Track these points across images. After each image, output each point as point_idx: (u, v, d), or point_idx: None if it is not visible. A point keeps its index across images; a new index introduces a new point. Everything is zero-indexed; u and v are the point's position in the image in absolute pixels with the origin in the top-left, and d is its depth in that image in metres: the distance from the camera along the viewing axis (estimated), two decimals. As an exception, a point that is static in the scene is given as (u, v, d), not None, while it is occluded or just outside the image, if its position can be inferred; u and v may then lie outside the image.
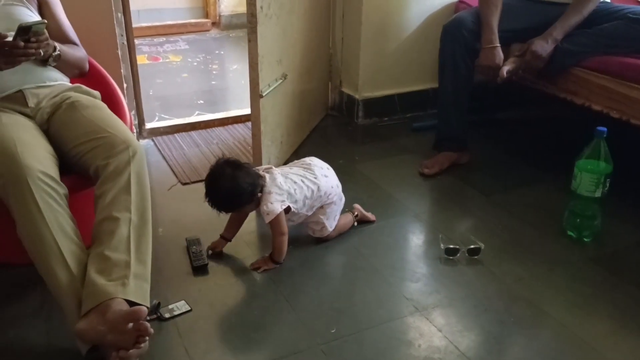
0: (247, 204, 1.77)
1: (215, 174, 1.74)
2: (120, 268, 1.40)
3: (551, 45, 2.16)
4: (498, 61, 2.17)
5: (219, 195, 1.73)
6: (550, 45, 2.16)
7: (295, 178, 1.82)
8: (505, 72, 2.17)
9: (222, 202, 1.75)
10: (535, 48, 2.15)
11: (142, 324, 1.31)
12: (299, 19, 2.48)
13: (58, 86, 1.77)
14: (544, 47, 2.15)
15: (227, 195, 1.73)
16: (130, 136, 1.62)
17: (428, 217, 2.14)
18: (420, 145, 2.64)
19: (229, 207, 1.78)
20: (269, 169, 1.83)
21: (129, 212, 1.48)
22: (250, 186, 1.73)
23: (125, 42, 2.45)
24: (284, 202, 1.77)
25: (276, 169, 1.84)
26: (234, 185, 1.71)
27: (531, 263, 1.85)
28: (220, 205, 1.75)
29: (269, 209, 1.74)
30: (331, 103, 3.06)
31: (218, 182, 1.73)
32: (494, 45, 2.18)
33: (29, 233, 1.41)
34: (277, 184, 1.77)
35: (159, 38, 4.64)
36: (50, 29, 1.67)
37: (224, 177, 1.72)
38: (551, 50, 2.16)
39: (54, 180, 1.48)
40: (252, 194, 1.74)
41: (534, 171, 2.46)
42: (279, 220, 1.76)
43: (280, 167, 1.90)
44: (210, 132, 2.86)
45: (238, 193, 1.72)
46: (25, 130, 1.60)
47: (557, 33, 2.16)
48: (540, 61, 2.17)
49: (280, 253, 1.80)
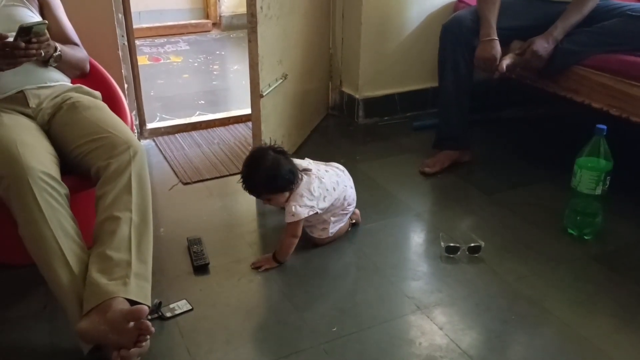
0: (281, 192, 1.74)
1: (258, 154, 1.74)
2: (121, 268, 1.40)
3: (552, 44, 2.16)
4: (495, 53, 2.16)
5: (258, 173, 1.71)
6: (550, 44, 2.15)
7: (329, 185, 1.81)
8: (504, 65, 2.17)
9: (260, 182, 1.72)
10: (536, 48, 2.15)
11: (143, 323, 1.31)
12: (299, 19, 2.49)
13: (59, 87, 1.78)
14: (544, 46, 2.15)
15: (266, 175, 1.70)
16: (131, 136, 1.62)
17: (429, 216, 2.14)
18: (421, 145, 2.64)
19: (265, 188, 1.74)
20: (307, 171, 1.80)
21: (130, 212, 1.48)
22: (289, 174, 1.72)
23: (126, 42, 2.45)
24: (313, 208, 1.76)
25: (314, 171, 1.81)
26: (276, 167, 1.70)
27: (533, 261, 1.85)
28: (256, 185, 1.73)
29: (296, 211, 1.73)
30: (332, 103, 3.06)
31: (260, 162, 1.71)
32: (491, 38, 2.18)
33: (31, 233, 1.42)
34: (310, 188, 1.76)
35: (160, 39, 4.65)
36: (51, 29, 1.67)
37: (266, 158, 1.71)
38: (551, 50, 2.16)
39: (56, 180, 1.49)
40: (290, 183, 1.73)
41: (534, 169, 2.46)
42: (298, 223, 1.77)
43: (316, 165, 1.87)
44: (211, 132, 2.86)
45: (277, 176, 1.70)
46: (26, 131, 1.61)
47: (557, 33, 2.16)
48: (540, 61, 2.17)
49: (286, 254, 1.80)
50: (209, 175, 2.40)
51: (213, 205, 2.18)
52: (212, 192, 2.28)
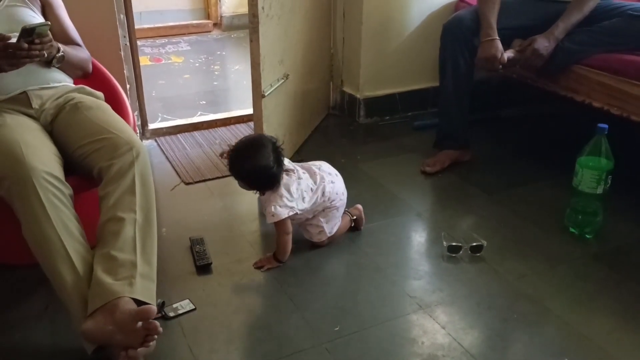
0: (257, 189, 1.75)
1: (258, 144, 1.72)
2: (126, 268, 1.40)
3: (553, 43, 2.16)
4: (495, 52, 2.16)
5: (248, 163, 1.69)
6: (551, 43, 2.16)
7: (307, 185, 1.80)
8: (505, 57, 2.17)
9: (245, 171, 1.71)
10: (537, 46, 2.15)
11: (152, 323, 1.32)
12: (300, 19, 2.49)
13: (62, 87, 1.78)
14: (545, 45, 2.15)
15: (254, 170, 1.69)
16: (134, 137, 1.63)
17: (430, 215, 2.15)
18: (422, 144, 2.65)
19: (246, 179, 1.73)
20: (289, 171, 1.79)
21: (133, 213, 1.49)
22: (272, 179, 1.72)
23: (127, 43, 2.46)
24: (292, 208, 1.75)
25: (294, 172, 1.80)
26: (267, 168, 1.69)
27: (534, 260, 1.85)
28: (240, 171, 1.71)
29: (276, 211, 1.73)
30: (332, 102, 3.07)
31: (256, 153, 1.69)
32: (492, 38, 2.18)
33: (35, 233, 1.42)
34: (291, 190, 1.75)
35: (161, 39, 4.65)
36: (53, 30, 1.68)
37: (263, 153, 1.69)
38: (552, 49, 2.17)
39: (59, 180, 1.49)
40: (268, 187, 1.73)
41: (534, 169, 2.46)
42: (283, 221, 1.76)
43: (299, 166, 1.85)
44: (212, 132, 2.87)
45: (262, 175, 1.70)
46: (29, 131, 1.61)
47: (558, 32, 2.16)
48: (540, 59, 2.18)
49: (284, 252, 1.81)
50: (211, 175, 2.41)
51: (214, 205, 2.19)
52: (213, 192, 2.29)
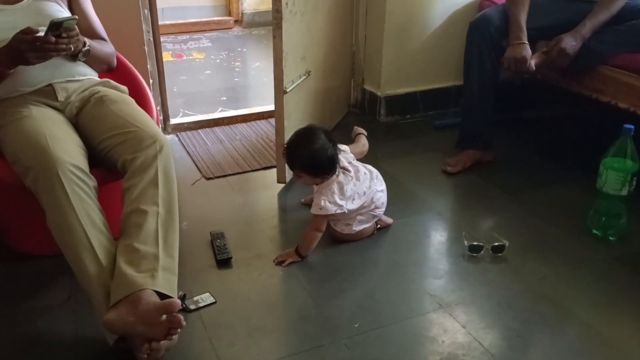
0: (314, 176, 1.78)
1: (311, 132, 1.79)
2: (148, 260, 1.42)
3: (579, 42, 2.13)
4: (526, 54, 2.14)
5: (304, 150, 1.75)
6: (578, 42, 2.13)
7: (361, 188, 1.83)
8: (533, 65, 2.15)
9: (300, 158, 1.76)
10: (564, 45, 2.12)
11: (176, 317, 1.33)
12: (323, 16, 2.49)
13: (87, 81, 1.80)
14: (572, 44, 2.13)
15: (309, 155, 1.74)
16: (158, 131, 1.64)
17: (451, 215, 2.13)
18: (443, 143, 2.63)
19: (301, 165, 1.78)
20: (346, 171, 1.83)
21: (156, 206, 1.50)
22: (329, 164, 1.76)
23: (151, 38, 2.48)
24: (341, 207, 1.79)
25: (352, 173, 1.83)
26: (321, 152, 1.74)
27: (556, 261, 1.83)
28: (295, 158, 1.77)
29: (325, 205, 1.76)
30: (353, 100, 3.06)
31: (310, 140, 1.75)
32: (522, 41, 2.16)
33: (59, 224, 1.44)
34: (344, 189, 1.79)
35: (183, 36, 4.68)
36: (79, 24, 1.69)
37: (317, 139, 1.76)
38: (578, 48, 2.14)
39: (84, 172, 1.51)
40: (326, 173, 1.78)
41: (557, 170, 2.43)
42: (324, 218, 1.79)
43: (355, 166, 1.88)
44: (233, 128, 2.88)
45: (318, 160, 1.75)
46: (55, 123, 1.63)
47: (585, 31, 2.14)
48: (566, 59, 2.15)
49: (309, 247, 1.82)
50: (231, 170, 2.42)
51: (235, 201, 2.20)
52: (234, 188, 2.30)
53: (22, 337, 1.52)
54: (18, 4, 1.75)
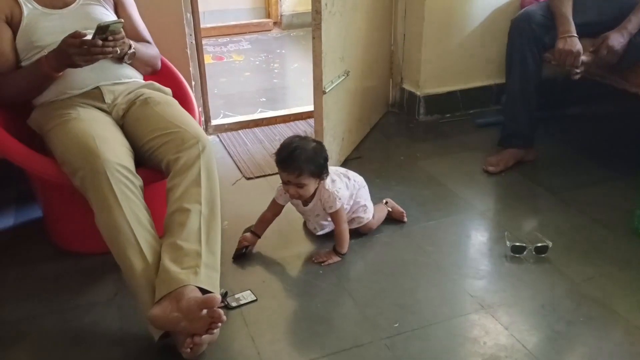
0: (316, 175, 1.77)
1: (301, 137, 1.80)
2: (191, 257, 1.45)
3: (626, 38, 2.08)
4: (579, 48, 2.09)
5: (304, 149, 1.73)
6: (625, 38, 2.08)
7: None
8: (580, 60, 2.10)
9: (303, 157, 1.72)
10: (612, 42, 2.07)
11: (216, 311, 1.35)
12: (362, 16, 2.49)
13: (132, 83, 1.85)
14: (619, 41, 2.07)
15: (311, 152, 1.74)
16: (200, 131, 1.67)
17: (493, 215, 2.10)
18: (484, 142, 2.60)
19: (306, 164, 1.73)
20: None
21: (199, 204, 1.53)
22: (325, 161, 1.78)
23: (193, 41, 2.53)
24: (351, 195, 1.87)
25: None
26: (319, 150, 1.76)
27: (601, 262, 1.79)
28: (298, 160, 1.72)
29: (340, 194, 1.80)
30: (392, 100, 3.05)
31: (305, 142, 1.76)
32: (572, 34, 2.11)
33: (107, 223, 1.48)
34: (339, 182, 1.85)
35: (223, 38, 4.74)
36: (125, 27, 1.74)
37: (310, 141, 1.78)
38: (626, 45, 2.08)
39: (131, 172, 1.55)
40: (324, 169, 1.78)
41: (602, 168, 2.37)
42: (342, 210, 1.83)
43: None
44: (272, 128, 2.90)
45: (319, 157, 1.75)
46: (102, 125, 1.68)
47: (632, 27, 2.08)
48: (615, 56, 2.09)
49: (345, 242, 1.84)
50: (271, 170, 2.44)
51: (275, 200, 2.21)
52: (273, 188, 2.27)
53: (70, 332, 1.57)
54: (66, 8, 1.81)
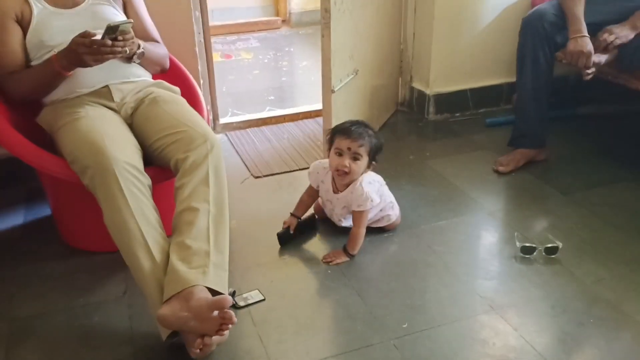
0: (373, 155, 1.82)
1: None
2: (200, 257, 1.44)
3: (627, 29, 2.09)
4: (590, 49, 2.07)
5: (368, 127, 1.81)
6: (626, 28, 2.09)
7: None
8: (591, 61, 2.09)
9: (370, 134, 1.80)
10: (610, 27, 2.10)
11: (227, 313, 1.35)
12: (371, 14, 2.48)
13: (141, 82, 1.85)
14: (618, 28, 2.10)
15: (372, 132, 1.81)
16: (209, 130, 1.67)
17: (503, 215, 2.09)
18: (494, 142, 2.58)
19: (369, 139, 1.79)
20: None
21: (207, 204, 1.53)
22: (379, 149, 1.83)
23: (202, 40, 2.53)
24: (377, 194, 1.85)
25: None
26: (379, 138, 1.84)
27: (612, 263, 1.77)
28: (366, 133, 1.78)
29: (373, 197, 1.80)
30: (401, 99, 3.03)
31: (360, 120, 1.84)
32: (583, 34, 2.09)
33: (116, 221, 1.48)
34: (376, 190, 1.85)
35: (232, 36, 4.74)
36: (134, 27, 1.74)
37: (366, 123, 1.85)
38: (630, 37, 2.08)
39: (139, 171, 1.55)
40: (377, 152, 1.83)
41: (614, 168, 2.35)
42: (367, 213, 1.83)
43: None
44: (280, 127, 2.90)
45: (378, 141, 1.82)
46: (111, 123, 1.68)
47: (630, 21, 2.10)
48: (615, 38, 2.09)
49: (357, 245, 1.83)
50: (279, 169, 2.44)
51: (283, 199, 2.21)
52: (282, 186, 2.31)
53: (79, 330, 1.58)
54: (75, 8, 1.81)
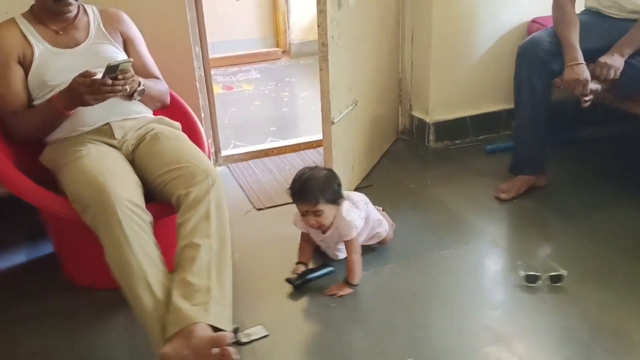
0: (333, 202, 1.82)
1: (311, 167, 1.87)
2: (202, 294, 1.44)
3: (617, 57, 2.09)
4: (586, 76, 2.08)
5: (316, 178, 1.80)
6: (616, 57, 2.09)
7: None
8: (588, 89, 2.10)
9: (317, 185, 1.79)
10: (603, 60, 2.09)
11: (226, 350, 1.34)
12: (369, 45, 2.51)
13: (142, 118, 1.87)
14: (610, 58, 2.09)
15: (324, 179, 1.81)
16: (210, 166, 1.68)
17: (506, 243, 2.09)
18: (495, 168, 2.59)
19: (321, 192, 1.79)
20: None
21: (209, 239, 1.53)
22: (339, 187, 1.84)
23: (202, 74, 2.56)
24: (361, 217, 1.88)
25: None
26: (331, 177, 1.84)
27: (617, 289, 1.76)
28: (313, 188, 1.78)
29: (357, 224, 1.82)
30: (401, 127, 3.05)
31: (315, 171, 1.84)
32: (579, 62, 2.11)
33: (117, 259, 1.49)
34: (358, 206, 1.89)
35: (233, 68, 4.79)
36: (134, 64, 1.76)
37: (321, 170, 1.86)
38: (622, 65, 2.09)
39: (140, 208, 1.56)
40: (340, 195, 1.84)
41: (615, 192, 2.35)
42: (356, 240, 1.84)
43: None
44: (282, 158, 2.91)
45: (332, 183, 1.82)
46: (113, 161, 1.70)
47: (617, 48, 2.10)
48: (613, 71, 2.08)
49: (357, 273, 1.83)
50: (281, 201, 2.44)
51: (286, 231, 2.20)
52: (284, 218, 2.30)
53: (81, 368, 1.57)
54: (76, 48, 1.84)
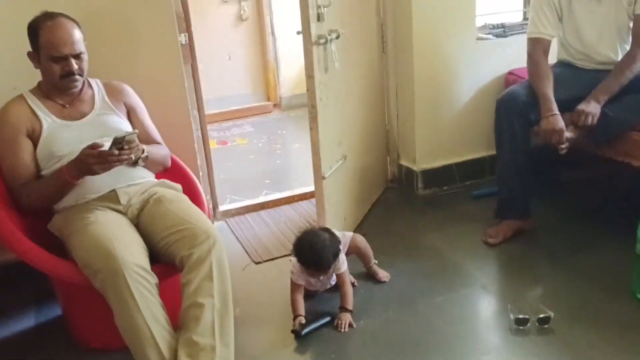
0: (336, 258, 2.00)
1: (313, 235, 2.00)
2: (206, 352, 1.53)
3: (594, 104, 2.20)
4: (562, 126, 2.20)
5: (326, 250, 1.96)
6: (593, 104, 2.20)
7: None
8: (564, 137, 2.21)
9: (329, 256, 1.96)
10: (581, 107, 2.21)
11: None
12: (355, 102, 2.65)
13: (145, 183, 1.97)
14: (587, 106, 2.20)
15: (332, 249, 1.97)
16: (210, 226, 1.78)
17: (496, 288, 2.17)
18: (482, 213, 2.68)
19: (335, 258, 1.98)
20: None
21: (212, 298, 1.62)
22: (338, 244, 2.03)
23: (200, 134, 2.67)
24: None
25: None
26: (333, 240, 2.00)
27: (602, 327, 1.84)
28: (327, 259, 1.95)
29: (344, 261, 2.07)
30: (390, 176, 3.16)
31: (317, 236, 1.99)
32: (553, 113, 2.22)
33: (126, 322, 1.57)
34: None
35: (227, 122, 4.92)
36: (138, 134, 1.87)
37: (322, 237, 1.99)
38: (599, 111, 2.20)
39: (147, 271, 1.65)
40: (339, 251, 2.03)
41: (599, 232, 2.44)
42: (346, 270, 2.07)
43: None
44: (278, 210, 3.00)
45: (333, 243, 2.00)
46: (119, 226, 1.79)
47: (593, 96, 2.22)
48: (588, 117, 2.19)
49: (351, 300, 2.02)
50: (278, 253, 2.52)
51: (284, 284, 2.24)
52: (281, 271, 2.36)
53: None
54: (82, 120, 1.95)
